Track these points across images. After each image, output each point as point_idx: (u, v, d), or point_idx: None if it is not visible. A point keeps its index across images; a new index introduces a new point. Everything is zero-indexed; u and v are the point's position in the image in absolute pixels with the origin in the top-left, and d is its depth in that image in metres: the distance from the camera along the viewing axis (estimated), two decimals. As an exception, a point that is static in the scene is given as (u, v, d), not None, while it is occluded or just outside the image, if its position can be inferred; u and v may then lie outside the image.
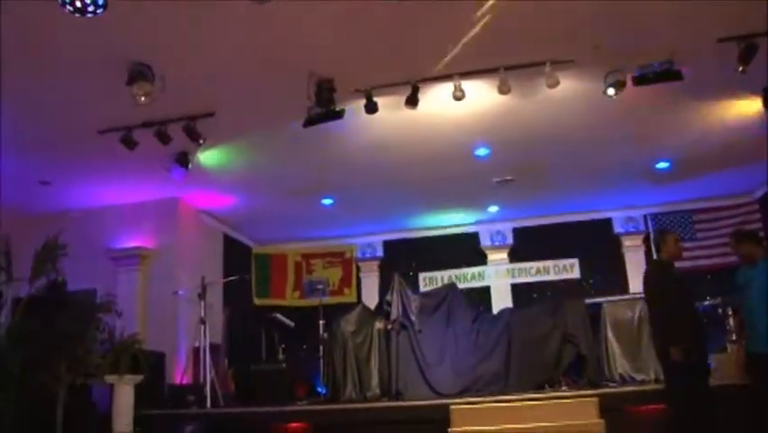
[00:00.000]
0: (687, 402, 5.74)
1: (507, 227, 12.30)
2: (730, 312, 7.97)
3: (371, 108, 7.03)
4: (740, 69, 6.61)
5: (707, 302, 8.72)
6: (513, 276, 12.15)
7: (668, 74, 6.82)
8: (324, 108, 6.86)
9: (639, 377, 8.01)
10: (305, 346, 11.47)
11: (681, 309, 5.85)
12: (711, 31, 6.37)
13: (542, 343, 8.24)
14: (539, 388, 7.87)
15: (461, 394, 7.78)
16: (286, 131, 7.77)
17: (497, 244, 12.29)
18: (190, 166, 8.19)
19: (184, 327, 9.43)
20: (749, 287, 6.25)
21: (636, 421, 6.46)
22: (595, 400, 6.39)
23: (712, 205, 11.65)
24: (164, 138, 7.36)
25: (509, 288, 12.08)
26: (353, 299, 11.93)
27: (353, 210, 11.12)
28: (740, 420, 6.21)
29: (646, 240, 11.55)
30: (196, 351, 8.76)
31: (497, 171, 9.68)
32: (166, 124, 7.30)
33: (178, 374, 9.00)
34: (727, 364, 7.37)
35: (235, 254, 11.65)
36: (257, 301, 11.95)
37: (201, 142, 7.48)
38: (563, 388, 7.85)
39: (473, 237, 12.40)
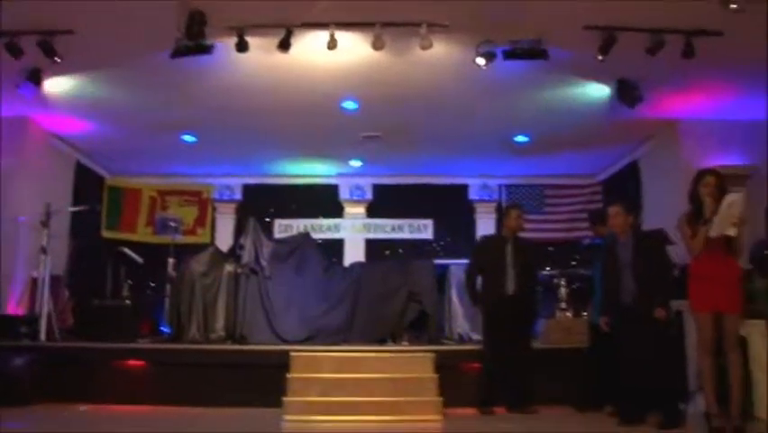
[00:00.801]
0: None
1: (367, 183, 12.39)
2: (563, 282, 8.50)
3: (242, 47, 6.83)
4: (599, 57, 6.95)
5: (545, 272, 9.21)
6: (368, 231, 12.30)
7: (535, 52, 7.08)
8: (194, 41, 6.60)
9: (476, 337, 8.30)
10: (152, 284, 11.15)
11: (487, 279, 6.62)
12: (579, 17, 6.63)
13: (388, 298, 8.43)
14: (381, 341, 8.08)
15: (304, 342, 7.86)
16: (151, 60, 7.40)
17: (355, 198, 12.38)
18: (43, 85, 7.65)
19: (23, 255, 8.85)
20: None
21: (467, 377, 6.77)
22: (432, 355, 6.63)
23: (562, 182, 12.23)
24: (15, 51, 6.81)
25: (363, 242, 12.23)
26: (207, 240, 11.66)
27: (215, 150, 10.80)
28: (560, 379, 6.89)
29: (498, 209, 11.91)
30: (35, 281, 8.27)
31: (363, 126, 9.69)
32: (18, 36, 6.74)
33: (12, 305, 8.50)
34: (555, 330, 7.88)
35: (87, 183, 10.99)
36: (106, 234, 11.40)
37: (57, 60, 6.98)
38: (404, 343, 8.12)
39: (333, 189, 12.41)
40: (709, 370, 5.02)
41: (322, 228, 12.20)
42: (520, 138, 10.25)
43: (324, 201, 12.35)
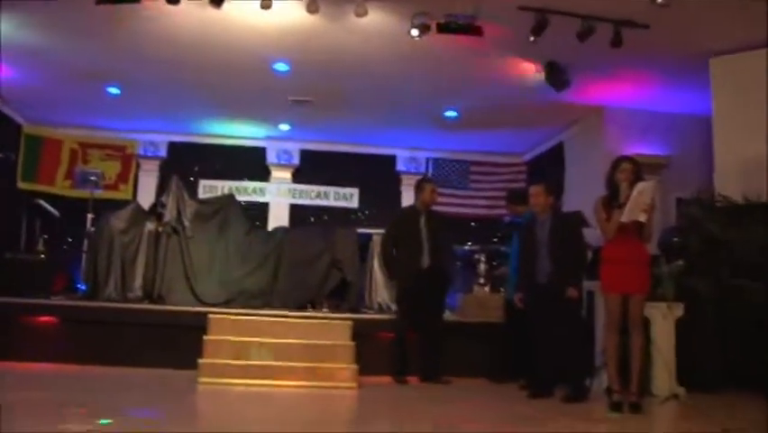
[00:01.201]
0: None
1: (294, 147, 12.29)
2: (483, 258, 8.68)
3: (173, -2, 6.62)
4: (531, 38, 7.05)
5: (466, 247, 9.38)
6: (293, 196, 12.23)
7: (469, 28, 7.10)
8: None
9: (396, 307, 8.46)
10: (69, 240, 10.82)
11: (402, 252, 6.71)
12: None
13: (310, 265, 8.41)
14: (301, 307, 8.07)
15: (223, 305, 7.79)
16: (77, 5, 7.07)
17: (282, 162, 12.26)
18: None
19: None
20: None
21: (384, 346, 6.86)
22: (350, 323, 6.68)
23: (488, 160, 12.42)
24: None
25: (288, 208, 12.17)
26: (128, 196, 11.33)
27: (140, 104, 10.46)
28: (475, 352, 7.13)
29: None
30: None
31: (294, 90, 9.57)
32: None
33: None
34: (471, 304, 8.07)
35: (2, 131, 10.54)
36: (22, 185, 10.91)
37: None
38: (325, 310, 8.11)
39: (260, 152, 12.26)
40: (614, 348, 5.23)
41: (247, 191, 12.06)
42: (450, 113, 10.34)
43: (250, 164, 12.20)
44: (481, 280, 8.59)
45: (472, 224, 11.88)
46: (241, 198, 10.94)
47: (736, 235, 6.50)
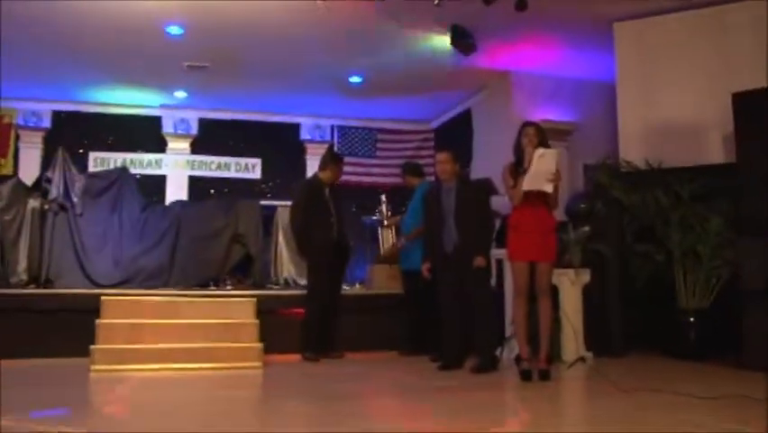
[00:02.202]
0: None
1: (192, 116, 11.97)
2: (392, 229, 8.75)
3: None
4: (436, 2, 7.07)
5: (375, 217, 9.42)
6: (192, 168, 11.95)
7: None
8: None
9: (303, 282, 8.39)
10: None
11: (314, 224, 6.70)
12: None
13: (211, 240, 8.33)
14: (203, 285, 8.00)
15: (119, 285, 7.57)
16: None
17: (179, 132, 11.92)
18: None
19: None
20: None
21: (290, 322, 6.84)
22: (253, 300, 6.62)
23: (395, 127, 12.52)
24: None
25: (187, 180, 11.87)
26: (9, 171, 10.78)
27: (19, 69, 9.78)
28: (384, 324, 7.26)
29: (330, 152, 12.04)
30: None
31: (189, 55, 9.26)
32: None
33: None
34: (379, 275, 8.15)
35: None
36: None
37: None
38: (228, 287, 8.08)
39: (155, 122, 11.86)
40: (522, 316, 5.34)
41: (142, 163, 11.68)
42: (355, 78, 10.28)
43: (145, 134, 11.78)
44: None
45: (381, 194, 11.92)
46: (135, 170, 10.65)
47: (637, 201, 6.76)
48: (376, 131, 12.47)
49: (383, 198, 8.16)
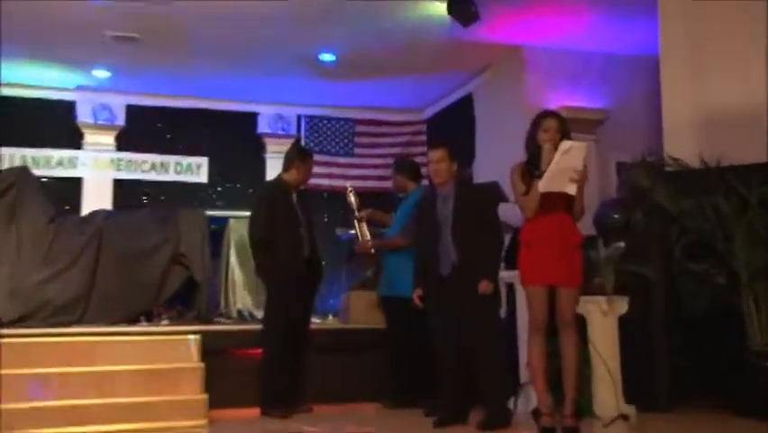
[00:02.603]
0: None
1: (118, 102, 11.81)
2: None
3: None
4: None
5: (352, 231, 9.36)
6: (118, 169, 11.78)
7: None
8: None
9: (262, 314, 8.33)
10: None
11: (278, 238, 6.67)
12: None
13: (143, 261, 8.24)
14: (132, 321, 7.92)
15: (17, 323, 7.42)
16: None
17: (101, 122, 11.76)
18: None
19: None
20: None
21: (245, 367, 6.81)
22: (197, 338, 6.59)
23: (379, 118, 12.52)
24: None
25: (111, 184, 11.73)
26: None
27: None
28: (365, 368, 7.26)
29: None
30: None
31: (113, 23, 9.16)
32: None
33: None
34: (358, 305, 8.12)
35: None
36: None
37: None
38: (164, 322, 8.05)
39: (68, 108, 11.69)
40: (540, 356, 5.29)
41: (50, 162, 11.49)
42: (326, 56, 10.24)
43: (54, 124, 11.61)
44: (369, 273, 8.67)
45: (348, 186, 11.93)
46: (41, 172, 10.57)
47: (690, 208, 6.71)
48: (354, 122, 12.44)
49: (349, 188, 8.10)
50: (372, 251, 7.33)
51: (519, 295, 6.49)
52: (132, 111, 11.89)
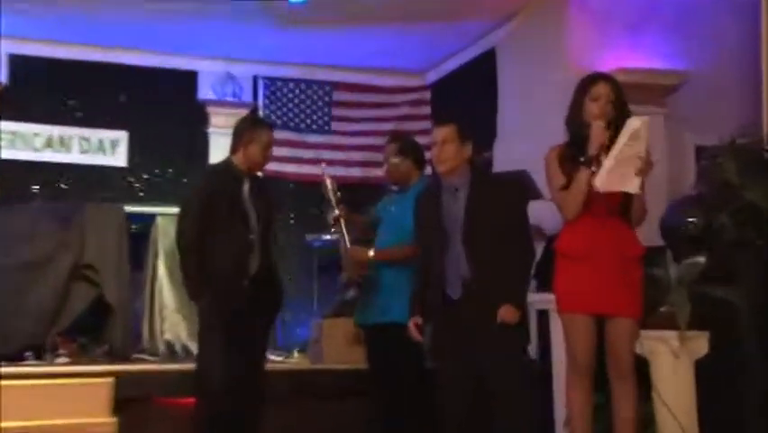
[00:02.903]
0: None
1: (-1, 52, 11.79)
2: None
3: None
4: None
5: (328, 236, 9.36)
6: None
7: None
8: None
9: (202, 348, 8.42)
10: None
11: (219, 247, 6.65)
12: None
13: (32, 275, 8.33)
14: (13, 358, 7.89)
15: None
16: None
17: (-33, 78, 11.74)
18: None
19: None
20: (381, 223, 7.11)
21: (171, 421, 6.85)
22: (109, 382, 6.66)
23: (365, 81, 12.58)
24: None
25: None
26: None
27: None
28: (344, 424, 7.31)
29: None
30: None
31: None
32: None
33: None
34: (333, 338, 8.15)
35: None
36: None
37: None
38: (61, 359, 8.06)
39: None
40: (583, 408, 5.31)
41: None
42: (295, -3, 10.26)
43: None
44: (351, 294, 8.60)
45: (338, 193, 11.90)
46: None
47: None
48: (330, 87, 12.49)
49: (328, 181, 8.01)
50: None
51: (555, 327, 6.51)
52: (16, 64, 11.79)
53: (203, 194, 6.78)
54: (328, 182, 7.19)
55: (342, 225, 7.16)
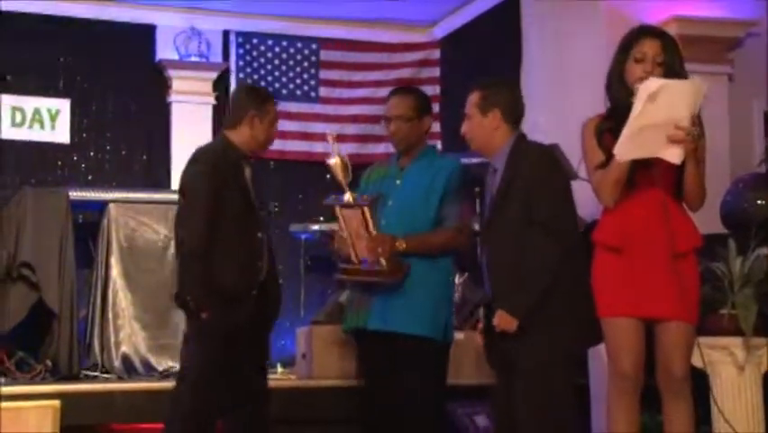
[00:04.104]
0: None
1: None
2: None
3: None
4: None
5: (317, 226, 9.44)
6: None
7: None
8: None
9: (163, 365, 8.69)
10: None
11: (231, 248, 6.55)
12: None
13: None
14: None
15: None
16: None
17: None
18: None
19: None
20: (382, 203, 6.90)
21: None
22: (54, 406, 6.70)
23: (361, 37, 12.69)
24: None
25: None
26: None
27: None
28: None
29: (221, 86, 12.14)
30: None
31: None
32: None
33: None
34: (324, 347, 8.22)
35: None
36: None
37: None
38: None
39: None
40: (629, 430, 5.36)
41: None
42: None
43: None
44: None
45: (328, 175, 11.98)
46: None
47: None
48: (317, 44, 12.56)
49: (330, 139, 7.73)
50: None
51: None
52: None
53: (210, 185, 6.54)
54: (337, 161, 6.82)
55: (367, 212, 6.64)
